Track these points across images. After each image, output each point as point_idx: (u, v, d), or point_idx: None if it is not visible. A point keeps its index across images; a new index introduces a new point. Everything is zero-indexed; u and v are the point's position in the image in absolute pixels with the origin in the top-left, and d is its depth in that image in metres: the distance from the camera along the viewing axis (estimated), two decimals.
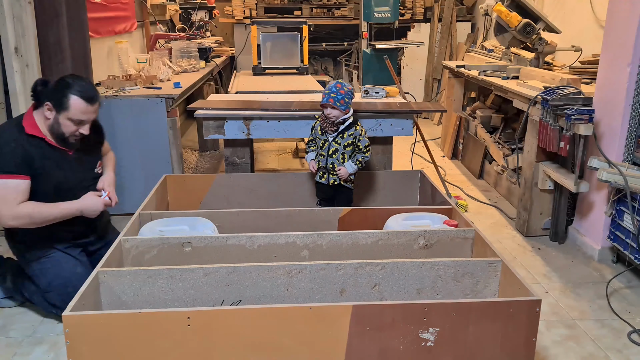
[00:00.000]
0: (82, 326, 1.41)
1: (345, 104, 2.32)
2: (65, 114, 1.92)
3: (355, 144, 2.37)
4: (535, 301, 1.47)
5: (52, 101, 1.91)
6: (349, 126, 2.36)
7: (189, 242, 1.87)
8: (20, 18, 2.52)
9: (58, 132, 1.96)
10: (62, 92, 1.91)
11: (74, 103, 1.91)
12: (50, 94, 1.93)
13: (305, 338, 1.45)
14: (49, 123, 1.95)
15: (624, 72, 2.44)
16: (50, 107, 1.92)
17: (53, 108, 1.92)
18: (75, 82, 1.94)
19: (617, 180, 2.30)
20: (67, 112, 1.92)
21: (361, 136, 2.37)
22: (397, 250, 1.92)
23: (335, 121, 2.34)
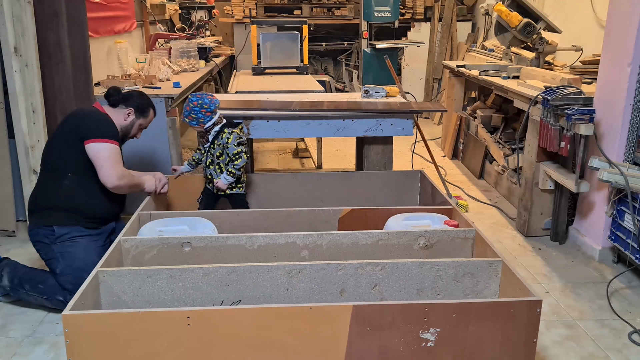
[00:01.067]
0: (81, 325, 1.40)
1: (195, 119, 2.31)
2: (142, 120, 2.36)
3: (225, 153, 2.34)
4: (535, 301, 1.47)
5: (136, 109, 2.32)
6: (217, 135, 2.34)
7: (189, 242, 1.87)
8: (19, 18, 2.51)
9: (128, 131, 2.34)
10: (146, 104, 2.37)
11: (151, 114, 2.40)
12: (134, 103, 2.33)
13: (305, 338, 1.45)
14: (125, 124, 2.31)
15: (624, 72, 2.44)
16: (131, 112, 2.31)
17: (134, 113, 2.32)
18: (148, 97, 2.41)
19: (617, 180, 2.30)
20: (145, 119, 2.37)
21: (228, 144, 2.32)
22: (397, 250, 1.92)
23: (200, 132, 2.37)
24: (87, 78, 2.91)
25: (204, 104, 2.31)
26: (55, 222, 2.15)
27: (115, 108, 2.30)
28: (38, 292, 2.15)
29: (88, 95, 2.92)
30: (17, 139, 2.66)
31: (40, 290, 2.14)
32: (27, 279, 2.18)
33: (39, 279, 2.16)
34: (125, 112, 2.29)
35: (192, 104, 2.31)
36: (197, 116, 2.31)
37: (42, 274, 2.18)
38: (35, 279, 2.16)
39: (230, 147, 2.32)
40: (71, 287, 2.08)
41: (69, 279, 2.09)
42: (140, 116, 2.34)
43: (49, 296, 2.14)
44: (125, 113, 2.29)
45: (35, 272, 2.20)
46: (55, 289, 2.12)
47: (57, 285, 2.12)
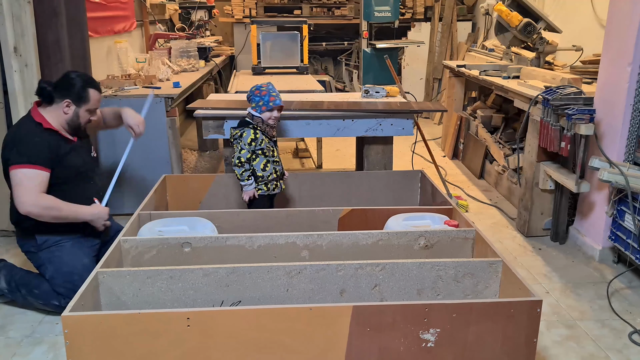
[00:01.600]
0: (81, 326, 1.40)
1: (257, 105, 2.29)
2: (86, 106, 2.14)
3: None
4: (536, 301, 1.46)
5: (71, 97, 2.11)
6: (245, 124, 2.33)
7: (189, 242, 1.86)
8: (19, 17, 2.51)
9: (76, 123, 2.15)
10: (79, 88, 2.12)
11: (92, 95, 2.15)
12: (66, 93, 2.11)
13: (306, 338, 1.45)
14: (68, 117, 2.13)
15: (624, 71, 2.44)
16: (69, 103, 2.11)
17: (72, 103, 2.11)
18: (81, 76, 2.15)
19: (618, 180, 2.30)
20: (87, 104, 2.14)
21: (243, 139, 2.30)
22: (397, 250, 1.91)
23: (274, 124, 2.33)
24: None
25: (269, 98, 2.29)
26: (35, 231, 2.13)
27: (52, 104, 2.11)
28: (34, 297, 2.16)
29: None
30: None
31: (36, 295, 2.15)
32: (23, 283, 2.18)
33: (33, 284, 2.16)
34: (63, 105, 2.10)
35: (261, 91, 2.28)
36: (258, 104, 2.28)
37: (37, 279, 2.17)
38: (30, 283, 2.17)
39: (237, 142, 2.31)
40: (63, 290, 2.09)
41: (60, 283, 2.10)
42: (81, 103, 2.12)
43: (44, 301, 2.14)
44: (63, 106, 2.10)
45: (31, 276, 2.20)
46: (50, 294, 2.13)
47: (51, 290, 2.13)
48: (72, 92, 2.10)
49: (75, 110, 2.12)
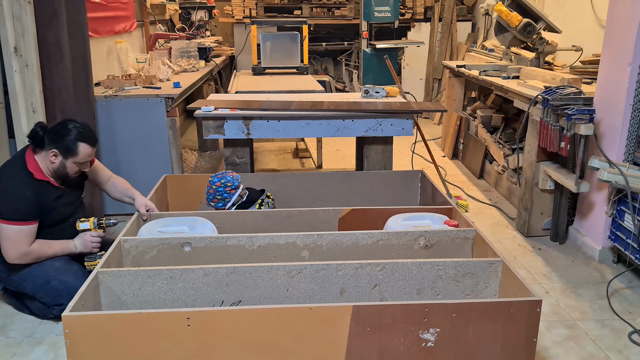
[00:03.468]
0: (81, 326, 1.40)
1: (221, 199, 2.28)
2: (73, 159, 2.05)
3: None
4: (535, 301, 1.46)
5: (59, 148, 2.02)
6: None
7: (189, 242, 1.87)
8: (19, 18, 2.51)
9: (62, 173, 2.08)
10: (69, 140, 2.02)
11: (82, 149, 2.05)
12: (55, 142, 2.02)
13: (306, 338, 1.45)
14: (54, 167, 2.06)
15: (624, 72, 2.44)
16: (55, 154, 2.03)
17: (59, 154, 2.03)
18: (76, 128, 2.05)
19: (617, 181, 2.30)
20: (75, 157, 2.05)
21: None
22: (397, 250, 1.91)
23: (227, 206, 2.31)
24: (87, 78, 2.91)
25: (226, 182, 2.29)
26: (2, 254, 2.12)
27: (42, 150, 2.05)
28: (34, 315, 2.18)
29: (88, 95, 2.92)
30: (17, 139, 2.66)
31: (34, 314, 2.18)
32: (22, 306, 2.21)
33: (28, 304, 2.19)
34: (50, 155, 2.03)
35: (214, 185, 2.28)
36: (222, 196, 2.28)
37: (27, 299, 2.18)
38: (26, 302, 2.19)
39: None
40: (49, 300, 2.09)
41: (43, 295, 2.10)
42: (68, 155, 2.03)
43: (43, 316, 2.16)
44: (51, 155, 2.03)
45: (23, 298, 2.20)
46: (43, 309, 2.14)
47: (42, 305, 2.13)
48: (61, 143, 2.01)
49: (62, 161, 2.04)
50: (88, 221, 2.19)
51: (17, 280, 2.12)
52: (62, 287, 2.06)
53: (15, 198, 1.99)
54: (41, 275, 2.09)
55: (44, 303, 2.11)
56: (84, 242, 2.14)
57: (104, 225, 2.19)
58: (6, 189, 2.01)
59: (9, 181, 2.03)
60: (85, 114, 2.89)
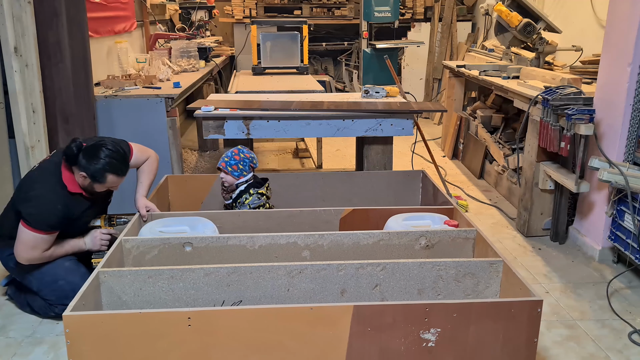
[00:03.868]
0: (82, 326, 1.40)
1: (239, 170, 2.26)
2: (100, 186, 2.07)
3: None
4: (536, 301, 1.47)
5: (88, 174, 2.03)
6: (241, 194, 2.28)
7: (190, 242, 1.87)
8: (19, 18, 2.51)
9: (92, 192, 2.11)
10: (98, 169, 2.01)
11: (110, 179, 2.05)
12: (86, 167, 2.02)
13: (306, 338, 1.45)
14: (84, 185, 2.09)
15: (624, 72, 2.44)
16: (85, 177, 2.04)
17: (88, 178, 2.04)
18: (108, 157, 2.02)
19: (617, 181, 2.30)
20: (102, 185, 2.07)
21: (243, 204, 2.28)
22: (398, 250, 1.92)
23: (229, 187, 2.28)
24: (87, 78, 2.91)
25: (254, 159, 2.31)
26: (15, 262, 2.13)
27: (73, 166, 2.07)
28: (35, 313, 2.18)
29: (88, 95, 2.91)
30: (17, 139, 2.66)
31: (35, 311, 2.18)
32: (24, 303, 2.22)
33: (29, 300, 2.19)
34: (81, 175, 2.04)
35: (243, 155, 2.27)
36: (244, 168, 2.28)
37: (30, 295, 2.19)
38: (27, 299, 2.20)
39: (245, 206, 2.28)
40: (54, 299, 2.10)
41: (48, 293, 2.11)
42: (95, 182, 2.04)
43: (44, 313, 2.16)
44: (80, 175, 2.05)
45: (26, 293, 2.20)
46: (45, 307, 2.14)
47: (44, 303, 2.14)
48: (90, 169, 2.02)
49: (91, 183, 2.06)
50: (99, 218, 2.20)
51: (25, 274, 2.13)
52: (68, 288, 2.06)
53: (45, 210, 1.99)
54: (50, 274, 2.10)
55: (47, 301, 2.11)
56: (93, 240, 2.16)
57: (115, 223, 2.20)
58: (39, 198, 2.01)
59: (44, 191, 2.03)
60: (85, 114, 2.89)
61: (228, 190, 2.31)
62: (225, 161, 2.26)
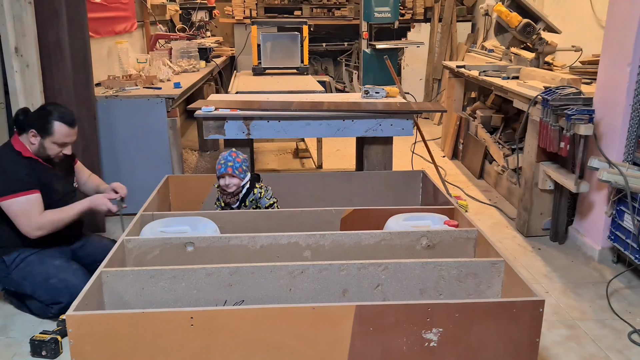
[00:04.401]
0: (85, 326, 1.40)
1: (244, 171, 2.25)
2: (50, 138, 2.09)
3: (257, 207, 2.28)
4: (538, 301, 1.47)
5: (36, 128, 2.08)
6: (247, 192, 2.27)
7: (192, 242, 1.87)
8: (20, 18, 2.51)
9: (44, 154, 2.13)
10: (45, 119, 2.08)
11: (58, 128, 2.09)
12: (34, 122, 2.09)
13: (308, 338, 1.45)
14: (34, 148, 2.11)
15: (624, 72, 2.45)
16: (34, 134, 2.08)
17: (37, 134, 2.08)
18: (55, 109, 2.12)
19: (617, 181, 2.31)
20: (51, 137, 2.09)
21: (261, 197, 2.27)
22: (399, 250, 1.92)
23: (235, 191, 2.25)
24: (87, 78, 2.91)
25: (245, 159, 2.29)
26: (1, 254, 2.14)
27: (23, 133, 2.11)
28: (34, 315, 2.18)
29: (88, 96, 2.92)
30: None
31: (34, 313, 2.18)
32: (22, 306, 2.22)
33: (27, 303, 2.19)
34: (30, 135, 2.09)
35: (241, 156, 2.26)
36: (246, 168, 2.26)
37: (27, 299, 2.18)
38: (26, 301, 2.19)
39: (262, 200, 2.26)
40: (48, 298, 2.10)
41: (42, 293, 2.10)
42: (45, 134, 2.08)
43: (43, 316, 2.16)
44: (30, 136, 2.09)
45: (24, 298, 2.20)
46: (42, 308, 2.14)
47: (41, 305, 2.14)
48: (37, 122, 2.08)
49: (40, 141, 2.09)
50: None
51: (17, 279, 2.12)
52: (61, 286, 2.07)
53: (9, 172, 2.04)
54: (40, 273, 2.10)
55: (43, 302, 2.11)
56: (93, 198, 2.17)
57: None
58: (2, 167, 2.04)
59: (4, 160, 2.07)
60: (86, 114, 2.89)
61: (234, 194, 2.27)
62: (230, 166, 2.23)
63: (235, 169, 2.23)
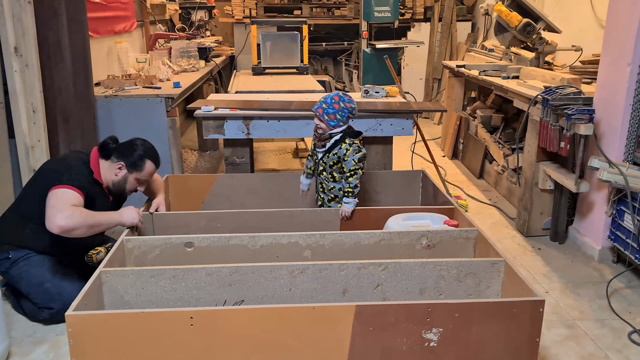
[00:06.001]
0: (85, 326, 1.40)
1: (336, 120, 2.09)
2: (137, 174, 2.14)
3: (340, 165, 2.14)
4: (538, 301, 1.47)
5: (126, 162, 2.12)
6: (336, 143, 2.13)
7: (191, 242, 1.87)
8: (20, 18, 2.51)
9: (121, 187, 2.15)
10: (137, 155, 2.13)
11: (148, 167, 2.15)
12: (124, 156, 2.12)
13: (308, 338, 1.45)
14: (116, 179, 2.13)
15: (624, 71, 2.45)
16: (122, 166, 2.12)
17: (125, 167, 2.12)
18: (145, 146, 2.17)
19: (617, 180, 2.30)
20: (139, 173, 2.14)
21: (346, 156, 2.10)
22: (399, 250, 1.92)
23: (322, 135, 2.12)
24: (87, 78, 2.91)
25: (354, 109, 2.11)
26: (10, 249, 2.12)
27: (108, 160, 2.13)
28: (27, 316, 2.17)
29: (88, 95, 2.91)
30: (18, 139, 2.65)
31: (27, 314, 2.17)
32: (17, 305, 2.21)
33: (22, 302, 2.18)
34: (116, 167, 2.11)
35: (344, 104, 2.07)
36: (342, 117, 2.08)
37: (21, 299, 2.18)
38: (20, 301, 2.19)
39: (348, 161, 2.10)
40: (40, 301, 2.08)
41: (34, 295, 2.09)
42: (133, 170, 2.12)
43: (34, 317, 2.14)
44: (116, 167, 2.11)
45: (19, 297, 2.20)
46: (35, 310, 2.13)
47: (34, 307, 2.12)
48: (129, 157, 2.11)
49: (125, 175, 2.12)
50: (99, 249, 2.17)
51: (15, 276, 2.12)
52: (54, 291, 2.06)
53: (77, 171, 2.05)
54: (37, 275, 2.09)
55: (35, 304, 2.10)
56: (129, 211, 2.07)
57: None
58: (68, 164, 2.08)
59: (73, 161, 2.11)
60: (86, 114, 2.89)
61: (321, 137, 2.11)
62: (323, 108, 2.06)
63: (325, 113, 2.06)
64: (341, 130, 2.13)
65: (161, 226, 2.14)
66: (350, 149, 2.12)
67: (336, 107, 2.08)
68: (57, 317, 2.07)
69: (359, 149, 2.14)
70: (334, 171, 2.18)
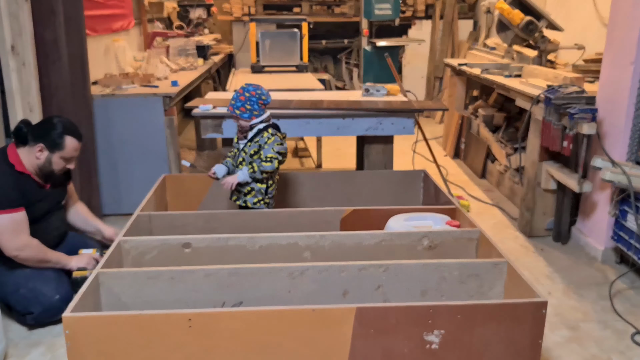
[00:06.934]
0: (82, 327, 1.39)
1: (248, 111, 2.09)
2: (60, 153, 2.05)
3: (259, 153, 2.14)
4: (541, 303, 1.45)
5: (45, 142, 2.02)
6: (258, 132, 2.14)
7: (189, 242, 1.85)
8: (16, 16, 2.48)
9: (48, 169, 2.07)
10: (55, 134, 2.03)
11: (70, 143, 2.05)
12: (41, 137, 2.02)
13: (308, 340, 1.43)
14: (39, 162, 2.05)
15: (627, 70, 2.42)
16: (42, 148, 2.02)
17: (45, 149, 2.03)
18: (62, 122, 2.08)
19: (620, 180, 2.28)
20: (62, 151, 2.05)
21: (266, 144, 2.12)
22: (400, 251, 1.90)
23: (244, 129, 2.14)
24: (84, 76, 2.89)
25: (262, 94, 2.11)
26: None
27: (26, 146, 2.03)
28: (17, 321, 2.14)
29: (85, 94, 2.89)
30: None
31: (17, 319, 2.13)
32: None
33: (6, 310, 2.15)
34: (36, 150, 2.02)
35: (248, 93, 2.09)
36: (252, 107, 2.09)
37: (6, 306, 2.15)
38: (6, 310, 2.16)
39: (267, 149, 2.12)
40: (21, 308, 2.05)
41: (14, 303, 2.06)
42: (55, 150, 2.03)
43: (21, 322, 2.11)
44: (37, 150, 2.02)
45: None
46: (19, 317, 2.10)
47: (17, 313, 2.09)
48: (47, 137, 2.02)
49: (48, 156, 2.03)
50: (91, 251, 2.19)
51: None
52: (30, 295, 2.01)
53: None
54: (11, 283, 2.04)
55: (17, 312, 2.07)
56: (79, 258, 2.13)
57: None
58: None
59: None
60: (83, 112, 2.87)
61: (243, 131, 2.15)
62: (232, 104, 2.09)
63: (236, 108, 2.10)
64: (261, 120, 2.15)
65: (158, 227, 2.11)
66: (272, 138, 2.14)
67: (242, 99, 2.11)
68: (41, 319, 2.03)
69: (281, 142, 2.16)
70: (253, 161, 2.15)
